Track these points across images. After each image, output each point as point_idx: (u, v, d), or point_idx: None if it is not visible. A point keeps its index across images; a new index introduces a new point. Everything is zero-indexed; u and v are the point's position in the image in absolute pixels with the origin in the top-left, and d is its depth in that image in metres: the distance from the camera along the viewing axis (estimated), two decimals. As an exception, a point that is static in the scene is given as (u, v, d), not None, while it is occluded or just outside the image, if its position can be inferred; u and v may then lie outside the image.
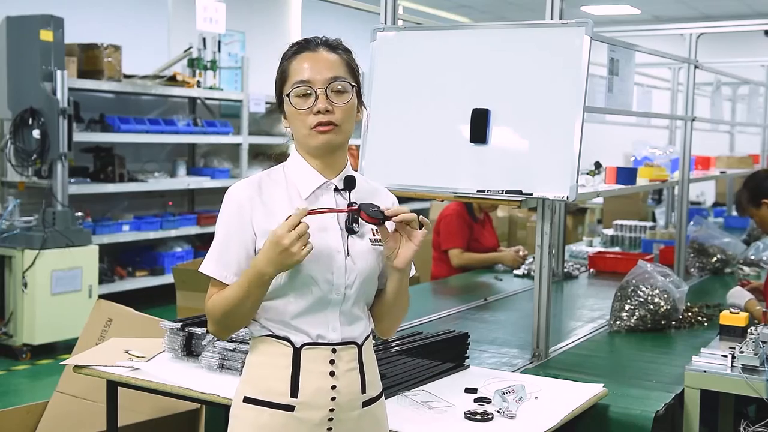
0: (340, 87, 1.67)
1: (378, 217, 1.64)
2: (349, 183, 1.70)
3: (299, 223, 1.55)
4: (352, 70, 1.72)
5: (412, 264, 1.73)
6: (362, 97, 1.74)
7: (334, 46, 1.71)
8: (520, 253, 4.71)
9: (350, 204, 1.67)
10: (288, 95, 1.67)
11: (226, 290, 1.65)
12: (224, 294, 1.64)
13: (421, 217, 1.69)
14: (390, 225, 1.67)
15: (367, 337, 1.74)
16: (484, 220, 4.86)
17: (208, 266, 1.68)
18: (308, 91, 1.66)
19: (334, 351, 1.67)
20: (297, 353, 1.65)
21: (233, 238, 1.66)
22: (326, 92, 1.66)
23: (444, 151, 2.92)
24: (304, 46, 1.70)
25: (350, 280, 1.67)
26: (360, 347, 1.71)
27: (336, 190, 1.71)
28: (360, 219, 1.66)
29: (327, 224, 1.67)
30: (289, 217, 1.56)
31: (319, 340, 1.66)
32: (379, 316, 1.77)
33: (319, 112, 1.65)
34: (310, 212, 1.57)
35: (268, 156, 7.69)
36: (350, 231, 1.67)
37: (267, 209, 1.66)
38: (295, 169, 1.72)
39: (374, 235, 1.69)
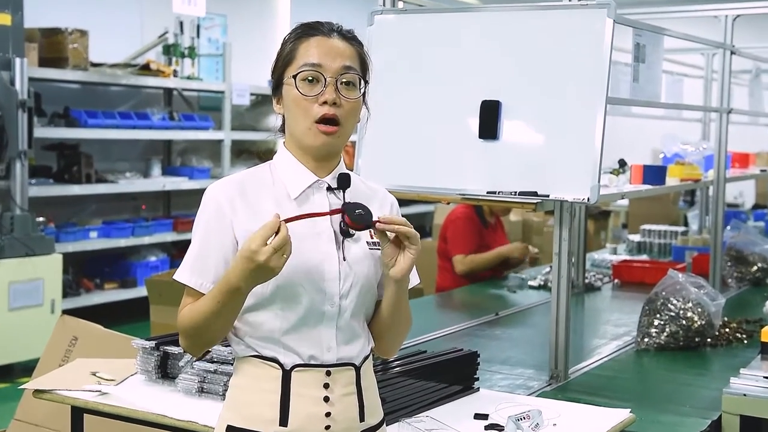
0: (352, 80, 1.69)
1: (362, 223, 1.62)
2: (344, 181, 1.70)
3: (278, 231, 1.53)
4: (365, 65, 1.74)
5: (415, 272, 1.72)
6: (366, 97, 1.74)
7: (349, 37, 1.73)
8: (529, 248, 4.80)
9: (343, 205, 1.67)
10: (294, 77, 1.67)
11: (198, 302, 1.65)
12: (196, 306, 1.64)
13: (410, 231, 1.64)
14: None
15: (366, 358, 1.73)
16: (496, 225, 4.87)
17: (183, 273, 1.68)
18: (317, 77, 1.67)
19: (328, 373, 1.66)
20: (287, 376, 1.65)
21: (211, 242, 1.66)
22: (337, 83, 1.67)
23: (450, 147, 2.92)
24: (316, 28, 1.70)
25: (345, 288, 1.67)
26: (358, 369, 1.70)
27: (329, 189, 1.71)
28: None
29: (318, 225, 1.67)
30: (262, 227, 1.54)
31: (312, 361, 1.66)
32: (377, 334, 1.76)
33: (325, 102, 1.66)
34: (286, 221, 1.55)
35: (254, 154, 7.70)
36: (345, 233, 1.67)
37: (251, 211, 1.66)
38: (283, 167, 1.72)
39: (372, 237, 1.69)
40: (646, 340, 3.30)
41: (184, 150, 7.63)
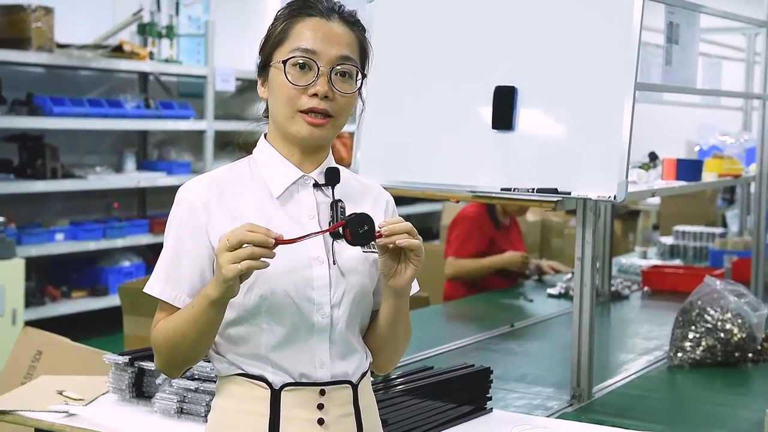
0: (348, 71, 1.69)
1: (365, 240, 1.59)
2: (332, 176, 1.70)
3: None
4: (365, 55, 1.74)
5: (415, 280, 1.72)
6: (363, 91, 1.74)
7: (351, 21, 1.73)
8: (528, 259, 4.78)
9: (333, 206, 1.66)
10: (284, 62, 1.67)
11: (173, 316, 1.65)
12: (171, 321, 1.65)
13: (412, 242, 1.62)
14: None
15: (364, 374, 1.74)
16: (510, 227, 4.87)
17: (155, 286, 1.68)
18: (310, 65, 1.67)
19: (322, 393, 1.67)
20: (276, 396, 1.65)
21: (185, 249, 1.67)
22: (330, 73, 1.67)
23: (460, 139, 2.92)
24: (314, 7, 1.70)
25: (337, 296, 1.67)
26: (355, 387, 1.71)
27: (316, 186, 1.71)
28: (343, 213, 1.64)
29: (305, 225, 1.67)
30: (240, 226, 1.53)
31: (304, 380, 1.66)
32: (373, 348, 1.77)
33: (315, 95, 1.66)
34: (280, 242, 1.53)
35: (236, 145, 7.70)
36: (335, 235, 1.66)
37: (228, 214, 1.66)
38: (264, 162, 1.72)
39: None
40: (679, 355, 3.30)
41: (161, 142, 7.64)
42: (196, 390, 2.40)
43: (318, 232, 1.61)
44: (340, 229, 1.61)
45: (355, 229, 1.59)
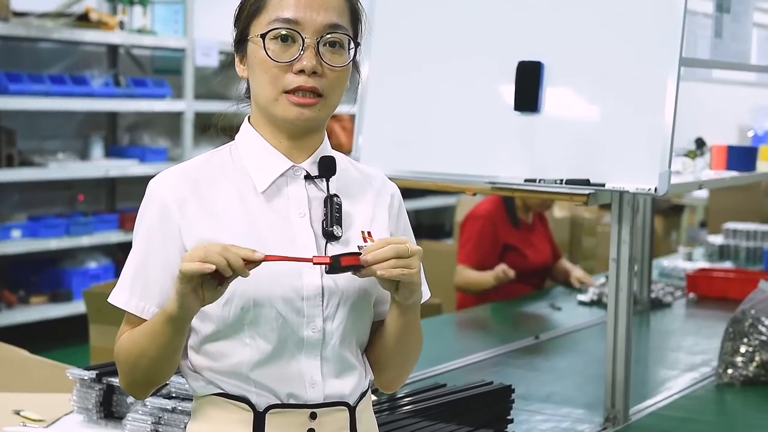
0: (338, 40, 1.67)
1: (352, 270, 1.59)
2: (327, 167, 1.70)
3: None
4: (356, 18, 1.72)
5: (425, 284, 1.72)
6: (357, 56, 1.73)
7: None
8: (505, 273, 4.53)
9: (327, 202, 1.66)
10: (263, 36, 1.65)
11: (137, 329, 1.66)
12: (134, 334, 1.66)
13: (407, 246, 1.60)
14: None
15: (363, 394, 1.74)
16: (534, 224, 4.87)
17: (120, 295, 1.69)
18: (293, 36, 1.65)
19: (313, 416, 1.67)
20: (260, 420, 1.65)
21: (154, 254, 1.67)
22: (318, 45, 1.65)
23: (477, 123, 2.92)
24: None
25: (331, 308, 1.67)
26: (353, 409, 1.71)
27: (308, 178, 1.71)
28: (338, 210, 1.65)
29: (294, 227, 1.67)
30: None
31: (292, 401, 1.66)
32: (379, 364, 1.77)
33: (302, 71, 1.64)
34: (265, 258, 1.53)
35: (217, 128, 7.68)
36: (329, 236, 1.67)
37: (205, 212, 1.66)
38: (248, 150, 1.72)
39: (366, 240, 1.67)
40: (729, 371, 3.30)
41: (133, 125, 7.65)
42: (173, 410, 2.40)
43: (301, 259, 1.59)
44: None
45: (337, 267, 1.58)
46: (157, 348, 1.62)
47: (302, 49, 1.64)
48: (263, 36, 1.65)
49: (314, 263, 1.60)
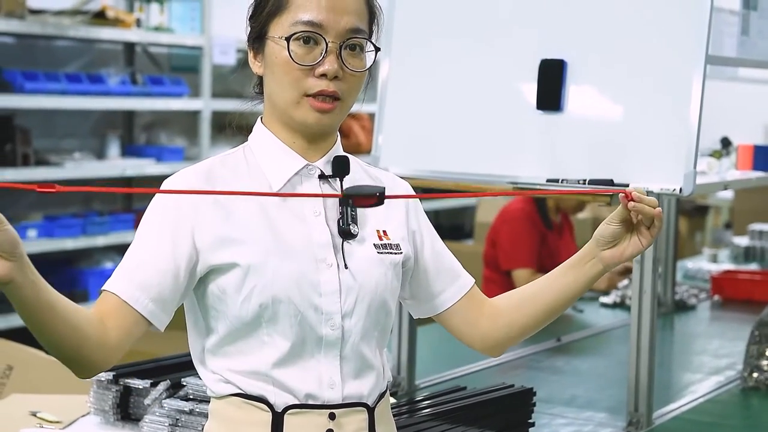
0: (358, 44, 1.68)
1: (372, 194, 1.56)
2: (341, 166, 1.71)
3: None
4: (374, 19, 1.73)
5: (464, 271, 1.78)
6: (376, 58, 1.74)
7: None
8: None
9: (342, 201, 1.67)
10: (288, 39, 1.66)
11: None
12: None
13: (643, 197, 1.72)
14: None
15: (382, 395, 1.75)
16: (562, 227, 4.85)
17: (117, 283, 1.69)
18: (316, 39, 1.66)
19: (332, 417, 1.68)
20: (278, 420, 1.66)
21: (160, 251, 1.66)
22: (340, 48, 1.66)
23: (498, 122, 2.92)
24: None
25: (349, 305, 1.68)
26: (372, 410, 1.71)
27: (322, 177, 1.72)
28: (354, 209, 1.66)
29: (310, 225, 1.68)
30: None
31: (310, 401, 1.67)
32: (508, 322, 1.82)
33: (324, 75, 1.65)
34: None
35: (236, 127, 7.69)
36: (345, 234, 1.68)
37: (222, 212, 1.66)
38: (262, 150, 1.73)
39: (381, 239, 1.69)
40: (755, 375, 3.29)
41: (150, 124, 7.67)
42: (190, 412, 2.41)
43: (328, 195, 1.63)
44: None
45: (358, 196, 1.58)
46: (30, 324, 1.63)
47: (325, 53, 1.66)
48: (288, 39, 1.66)
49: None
